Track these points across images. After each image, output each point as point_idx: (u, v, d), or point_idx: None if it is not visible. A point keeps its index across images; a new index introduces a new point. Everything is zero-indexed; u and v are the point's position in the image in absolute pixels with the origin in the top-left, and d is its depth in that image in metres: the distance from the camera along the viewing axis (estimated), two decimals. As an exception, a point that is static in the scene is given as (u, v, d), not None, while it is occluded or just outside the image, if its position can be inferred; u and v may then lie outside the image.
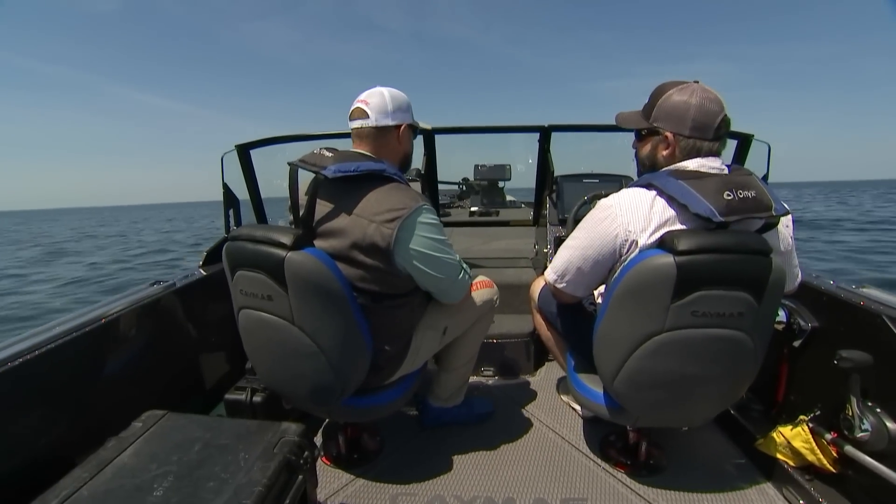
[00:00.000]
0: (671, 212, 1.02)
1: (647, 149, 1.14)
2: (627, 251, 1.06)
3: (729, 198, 0.97)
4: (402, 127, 1.22)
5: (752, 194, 0.99)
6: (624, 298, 1.05)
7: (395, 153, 1.24)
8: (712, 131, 1.05)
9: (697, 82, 1.07)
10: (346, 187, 1.11)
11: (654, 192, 1.05)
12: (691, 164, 1.06)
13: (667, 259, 0.96)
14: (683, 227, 1.02)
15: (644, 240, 1.03)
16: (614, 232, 1.06)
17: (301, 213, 1.16)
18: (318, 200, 1.15)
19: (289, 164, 1.17)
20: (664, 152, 1.10)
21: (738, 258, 0.98)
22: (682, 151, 1.07)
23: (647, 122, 1.11)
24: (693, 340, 1.03)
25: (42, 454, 1.05)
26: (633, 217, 1.04)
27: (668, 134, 1.07)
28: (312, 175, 1.14)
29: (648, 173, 1.13)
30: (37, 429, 1.05)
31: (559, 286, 1.21)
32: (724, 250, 0.97)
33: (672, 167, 1.08)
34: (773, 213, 0.99)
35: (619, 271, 1.06)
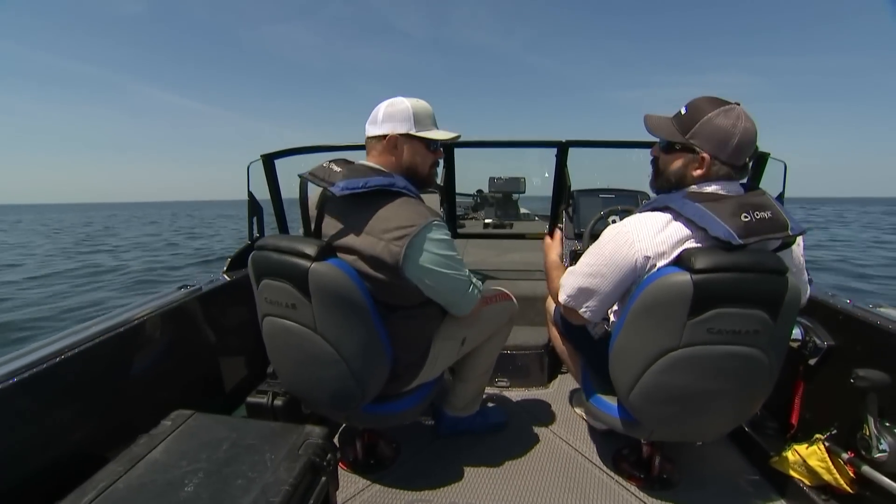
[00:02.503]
0: (689, 234, 1.03)
1: (677, 164, 1.10)
2: (647, 272, 1.06)
3: (746, 219, 0.97)
4: (394, 136, 1.17)
5: (769, 215, 1.00)
6: (641, 314, 1.07)
7: (394, 164, 1.20)
8: (745, 159, 1.05)
9: (739, 105, 1.05)
10: (354, 203, 1.11)
11: (669, 216, 1.05)
12: (708, 187, 1.06)
13: (684, 277, 0.98)
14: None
15: (663, 262, 1.04)
16: (633, 257, 1.05)
17: (312, 226, 1.18)
18: (326, 217, 1.16)
19: (299, 175, 1.18)
20: (696, 172, 1.07)
21: (755, 277, 0.99)
22: (715, 175, 1.06)
23: (683, 136, 1.07)
24: (708, 357, 1.04)
25: (76, 448, 1.09)
26: (651, 242, 1.04)
27: (706, 155, 1.04)
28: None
29: (665, 193, 1.13)
30: (72, 424, 1.09)
31: (571, 306, 1.19)
32: (741, 269, 0.98)
33: (689, 189, 1.08)
34: (790, 233, 1.00)
35: (636, 288, 1.08)
